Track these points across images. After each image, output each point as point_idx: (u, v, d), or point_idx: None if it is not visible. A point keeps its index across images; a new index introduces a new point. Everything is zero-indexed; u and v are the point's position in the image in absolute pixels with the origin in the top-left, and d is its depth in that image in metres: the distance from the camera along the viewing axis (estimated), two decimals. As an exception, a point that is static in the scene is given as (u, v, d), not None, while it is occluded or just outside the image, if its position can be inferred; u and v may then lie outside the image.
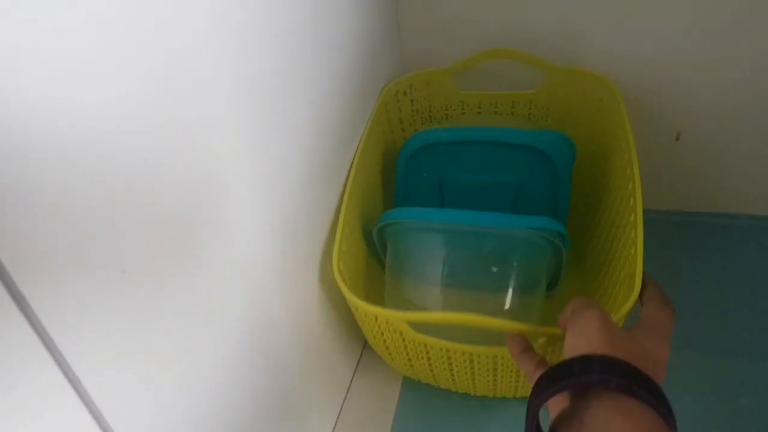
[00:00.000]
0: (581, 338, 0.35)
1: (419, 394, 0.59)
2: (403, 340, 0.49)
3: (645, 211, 0.62)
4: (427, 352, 0.50)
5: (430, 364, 0.52)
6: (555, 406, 0.36)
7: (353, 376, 0.62)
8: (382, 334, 0.51)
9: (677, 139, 0.63)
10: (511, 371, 0.50)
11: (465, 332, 0.47)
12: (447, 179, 0.62)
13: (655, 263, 0.63)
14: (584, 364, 0.32)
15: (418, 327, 0.47)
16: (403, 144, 0.62)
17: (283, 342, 0.46)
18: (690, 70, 0.59)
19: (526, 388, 0.55)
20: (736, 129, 0.61)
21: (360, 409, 0.59)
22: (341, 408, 0.59)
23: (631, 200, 0.50)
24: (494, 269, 0.52)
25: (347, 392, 0.60)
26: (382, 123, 0.63)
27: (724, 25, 0.55)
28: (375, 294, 0.57)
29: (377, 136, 0.62)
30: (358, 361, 0.63)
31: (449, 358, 0.50)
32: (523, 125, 0.64)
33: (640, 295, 0.43)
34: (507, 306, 0.53)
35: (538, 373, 0.38)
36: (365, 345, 0.64)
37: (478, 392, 0.56)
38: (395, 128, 0.66)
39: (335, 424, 0.58)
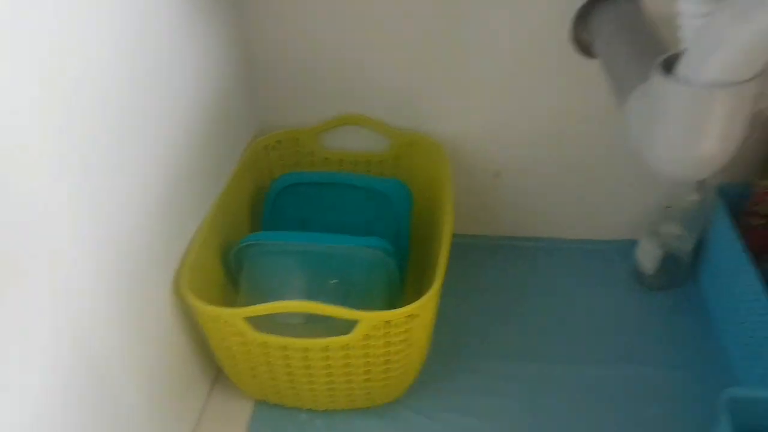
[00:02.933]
0: None
1: (271, 418, 0.63)
2: (245, 342, 0.55)
3: (472, 236, 0.80)
4: (267, 354, 0.55)
5: (271, 369, 0.57)
6: None
7: (204, 404, 0.64)
8: (225, 340, 0.56)
9: (497, 177, 0.77)
10: (341, 367, 0.55)
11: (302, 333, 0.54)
12: (309, 218, 0.71)
13: (484, 279, 0.77)
14: None
15: (259, 326, 0.53)
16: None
17: (121, 374, 0.48)
18: (504, 123, 0.73)
19: (360, 397, 0.60)
20: (543, 166, 0.75)
21: None
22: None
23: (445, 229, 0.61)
24: (333, 282, 0.59)
25: (198, 422, 0.63)
26: (252, 171, 0.72)
27: (525, 87, 0.70)
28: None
29: (245, 182, 0.71)
30: (210, 390, 0.66)
31: (287, 357, 0.55)
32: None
33: None
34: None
35: None
36: (217, 374, 0.67)
37: (319, 402, 0.61)
38: (265, 177, 0.75)
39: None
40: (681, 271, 0.73)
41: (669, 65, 0.40)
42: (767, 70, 0.38)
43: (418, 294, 0.54)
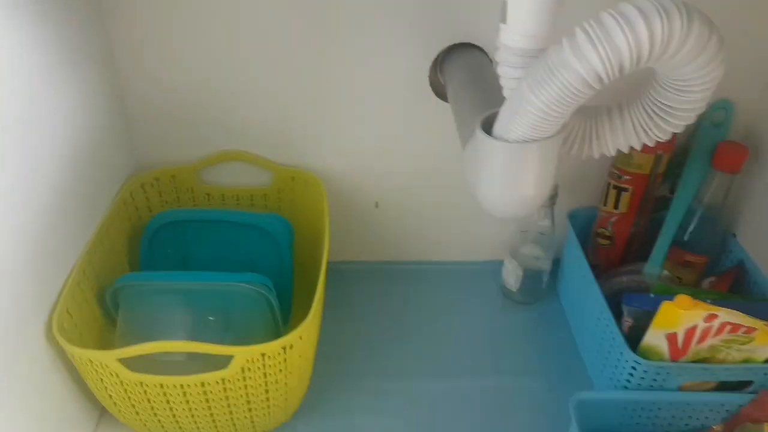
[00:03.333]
0: None
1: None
2: (122, 383, 0.56)
3: (356, 263, 0.85)
4: (146, 393, 0.56)
5: (152, 407, 0.58)
6: None
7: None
8: (102, 381, 0.56)
9: (376, 206, 0.82)
10: (222, 400, 0.58)
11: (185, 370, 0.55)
12: (190, 256, 0.72)
13: (368, 302, 0.82)
14: None
15: (134, 366, 0.55)
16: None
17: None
18: (379, 158, 0.78)
19: (245, 427, 0.63)
20: (418, 197, 0.81)
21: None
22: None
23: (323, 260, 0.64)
24: (211, 318, 0.62)
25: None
26: (129, 210, 0.73)
27: (397, 127, 0.75)
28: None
29: (121, 222, 0.71)
30: (95, 428, 0.66)
31: (165, 394, 0.56)
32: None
33: None
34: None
35: None
36: (102, 411, 0.67)
37: (203, 435, 0.63)
38: (143, 215, 0.75)
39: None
40: (542, 288, 0.81)
41: (489, 122, 0.45)
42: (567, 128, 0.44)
43: (304, 323, 0.57)
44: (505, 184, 0.46)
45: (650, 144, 0.47)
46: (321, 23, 0.68)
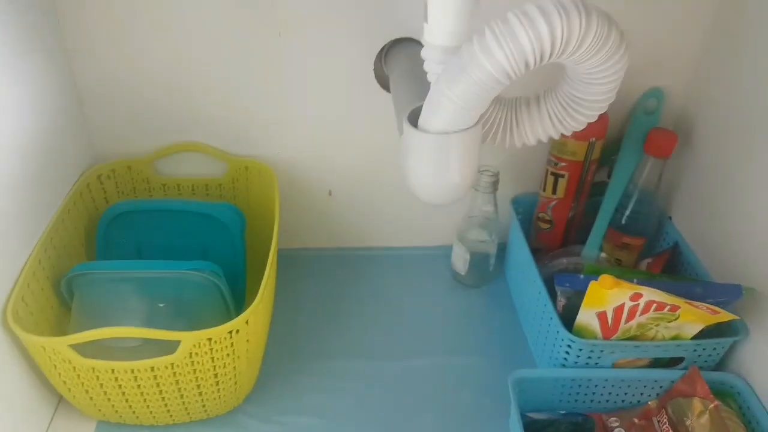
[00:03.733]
0: None
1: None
2: (74, 369, 0.58)
3: (310, 249, 0.89)
4: (98, 378, 0.59)
5: (105, 392, 0.60)
6: None
7: (47, 429, 0.66)
8: (56, 367, 0.58)
9: (330, 194, 0.85)
10: (172, 384, 0.60)
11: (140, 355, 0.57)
12: (144, 245, 0.74)
13: (321, 287, 0.85)
14: None
15: (90, 354, 0.57)
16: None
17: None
18: (331, 148, 0.81)
19: (197, 411, 0.65)
20: (369, 185, 0.84)
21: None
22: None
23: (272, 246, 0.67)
24: (161, 305, 0.64)
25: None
26: (85, 201, 0.75)
27: (345, 118, 0.78)
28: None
29: (78, 213, 0.73)
30: (53, 414, 0.68)
31: (117, 379, 0.59)
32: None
33: None
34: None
35: None
36: (60, 399, 0.69)
37: (158, 418, 0.65)
38: (100, 205, 0.77)
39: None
40: (489, 271, 0.84)
41: (416, 114, 0.48)
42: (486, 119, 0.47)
43: (257, 308, 0.59)
44: (431, 173, 0.48)
45: (567, 133, 0.50)
46: (271, 17, 0.69)
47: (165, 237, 0.73)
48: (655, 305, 0.62)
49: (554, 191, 0.78)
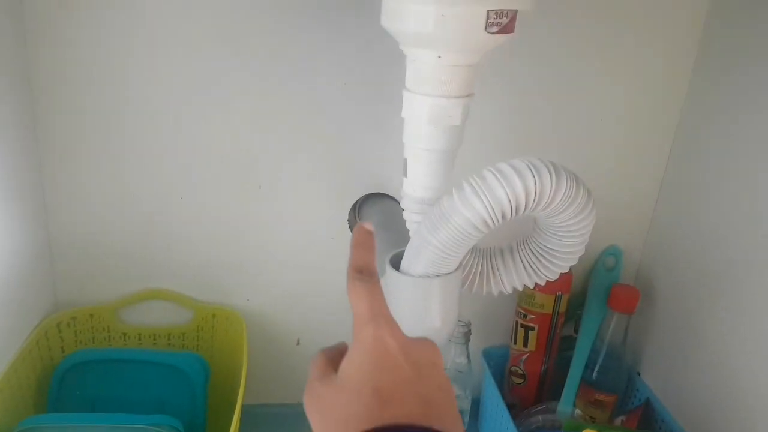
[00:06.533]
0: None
1: None
2: None
3: (273, 406, 0.83)
4: None
5: None
6: None
7: None
8: None
9: (298, 343, 0.83)
10: None
11: None
12: (100, 397, 0.70)
13: None
14: None
15: None
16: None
17: None
18: (301, 295, 0.80)
19: None
20: (341, 332, 0.80)
21: None
22: None
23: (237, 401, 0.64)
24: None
25: None
26: (41, 350, 0.71)
27: (317, 265, 0.78)
28: None
29: (33, 362, 0.69)
30: None
31: None
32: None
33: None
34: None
35: None
36: None
37: None
38: (56, 355, 0.73)
39: None
40: (465, 424, 0.81)
41: (398, 258, 0.50)
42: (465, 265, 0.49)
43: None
44: (412, 315, 0.49)
45: (541, 283, 0.52)
46: (254, 172, 0.73)
47: (122, 389, 0.69)
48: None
49: (525, 344, 0.78)
